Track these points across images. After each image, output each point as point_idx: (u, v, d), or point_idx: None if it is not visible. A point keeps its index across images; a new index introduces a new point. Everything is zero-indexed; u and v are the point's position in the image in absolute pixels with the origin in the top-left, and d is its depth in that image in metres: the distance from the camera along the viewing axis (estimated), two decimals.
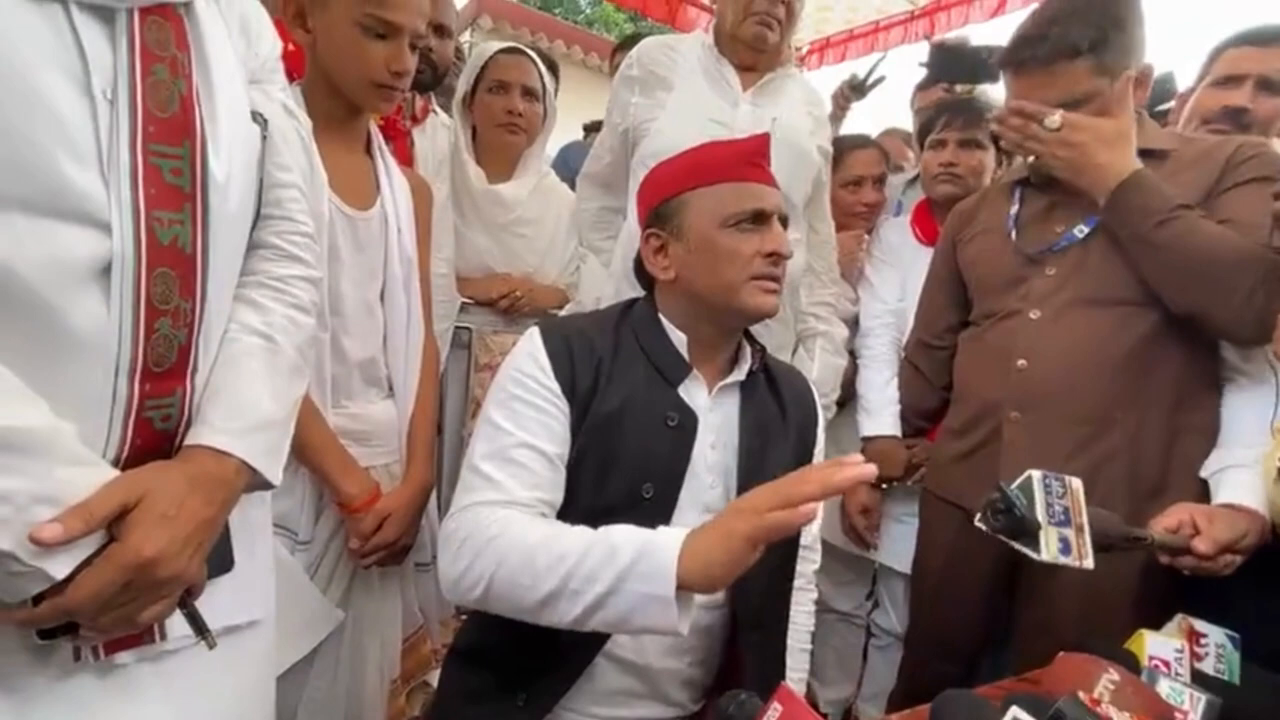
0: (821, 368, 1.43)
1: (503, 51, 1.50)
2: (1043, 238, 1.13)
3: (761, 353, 0.93)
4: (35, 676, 0.55)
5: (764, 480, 0.85)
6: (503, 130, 1.48)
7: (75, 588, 0.51)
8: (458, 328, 1.48)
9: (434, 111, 1.60)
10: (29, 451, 0.49)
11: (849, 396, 1.58)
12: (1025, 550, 0.74)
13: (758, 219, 0.85)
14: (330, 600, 0.99)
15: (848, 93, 2.07)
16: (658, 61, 1.37)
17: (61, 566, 0.51)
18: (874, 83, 2.04)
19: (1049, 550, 0.73)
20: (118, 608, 0.54)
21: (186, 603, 0.61)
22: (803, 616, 0.98)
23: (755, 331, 0.95)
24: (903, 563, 1.44)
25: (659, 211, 0.89)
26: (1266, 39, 1.30)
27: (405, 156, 1.42)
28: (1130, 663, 0.73)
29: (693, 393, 0.86)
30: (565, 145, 2.23)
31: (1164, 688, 0.69)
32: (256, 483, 0.65)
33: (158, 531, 0.54)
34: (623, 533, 0.68)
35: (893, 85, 2.10)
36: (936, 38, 2.06)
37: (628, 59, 1.42)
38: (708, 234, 0.84)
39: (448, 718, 0.87)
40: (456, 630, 1.15)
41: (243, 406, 0.63)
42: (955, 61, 1.90)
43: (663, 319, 0.89)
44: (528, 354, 0.84)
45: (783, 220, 0.88)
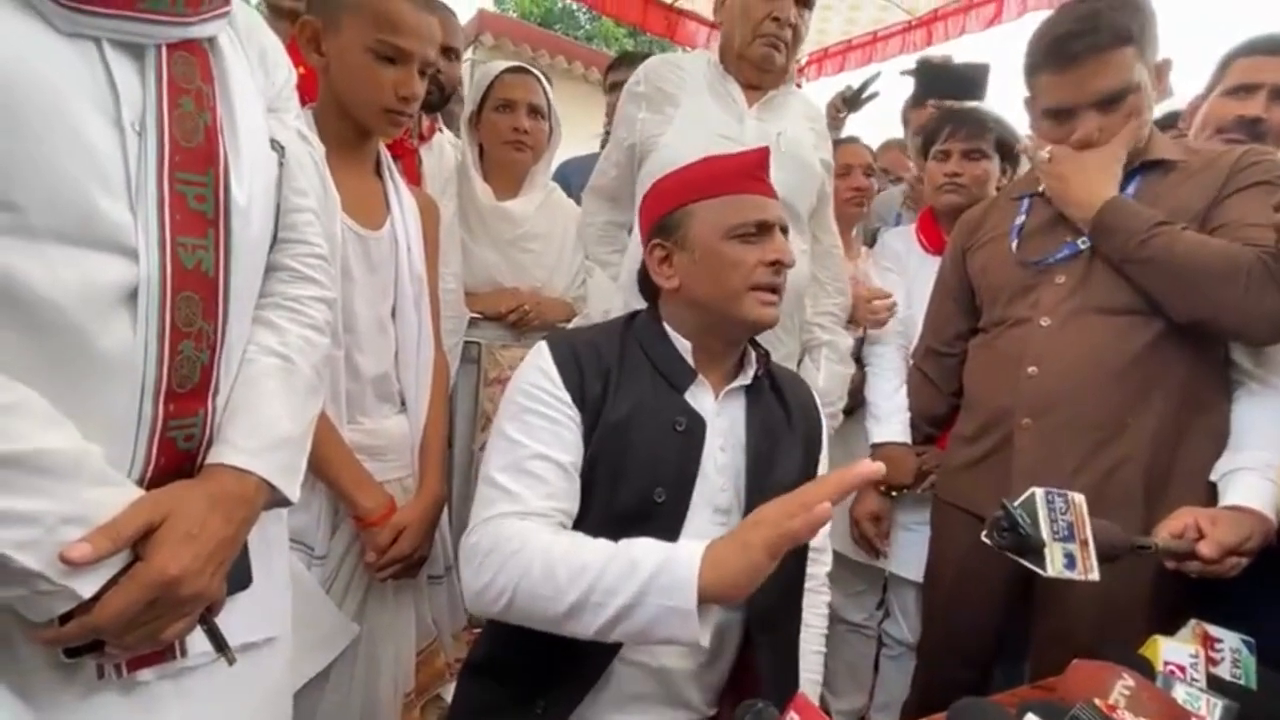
0: (828, 377, 1.44)
1: (508, 71, 1.52)
2: (1045, 247, 1.14)
3: (765, 358, 0.95)
4: (61, 694, 0.56)
5: (773, 481, 0.86)
6: (510, 148, 1.51)
7: (102, 606, 0.52)
8: (467, 342, 1.49)
9: (440, 130, 1.63)
10: (58, 474, 0.51)
11: (857, 404, 1.59)
12: (1031, 566, 0.75)
13: (760, 229, 0.87)
14: (345, 614, 1.00)
15: (840, 105, 2.10)
16: (664, 78, 1.40)
17: (89, 585, 0.52)
18: (867, 97, 2.07)
19: (1054, 566, 0.74)
20: (142, 625, 0.55)
21: (207, 619, 0.62)
22: (816, 618, 0.99)
23: (762, 341, 0.96)
24: (913, 571, 1.43)
25: (663, 223, 0.91)
26: (1278, 48, 1.27)
27: (413, 175, 1.45)
28: (1145, 669, 0.73)
29: (699, 398, 0.88)
30: (564, 161, 2.25)
31: (1180, 693, 0.69)
32: (275, 500, 0.66)
33: (182, 550, 0.55)
34: (643, 546, 0.70)
35: (891, 97, 2.13)
36: (922, 56, 2.10)
37: (634, 76, 1.44)
38: (712, 244, 0.86)
39: None
40: (470, 643, 1.16)
41: (261, 425, 0.64)
42: (941, 79, 1.93)
43: (667, 327, 0.90)
44: (536, 366, 0.85)
45: (784, 230, 0.90)
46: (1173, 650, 0.77)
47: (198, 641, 0.63)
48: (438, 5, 1.33)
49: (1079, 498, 0.79)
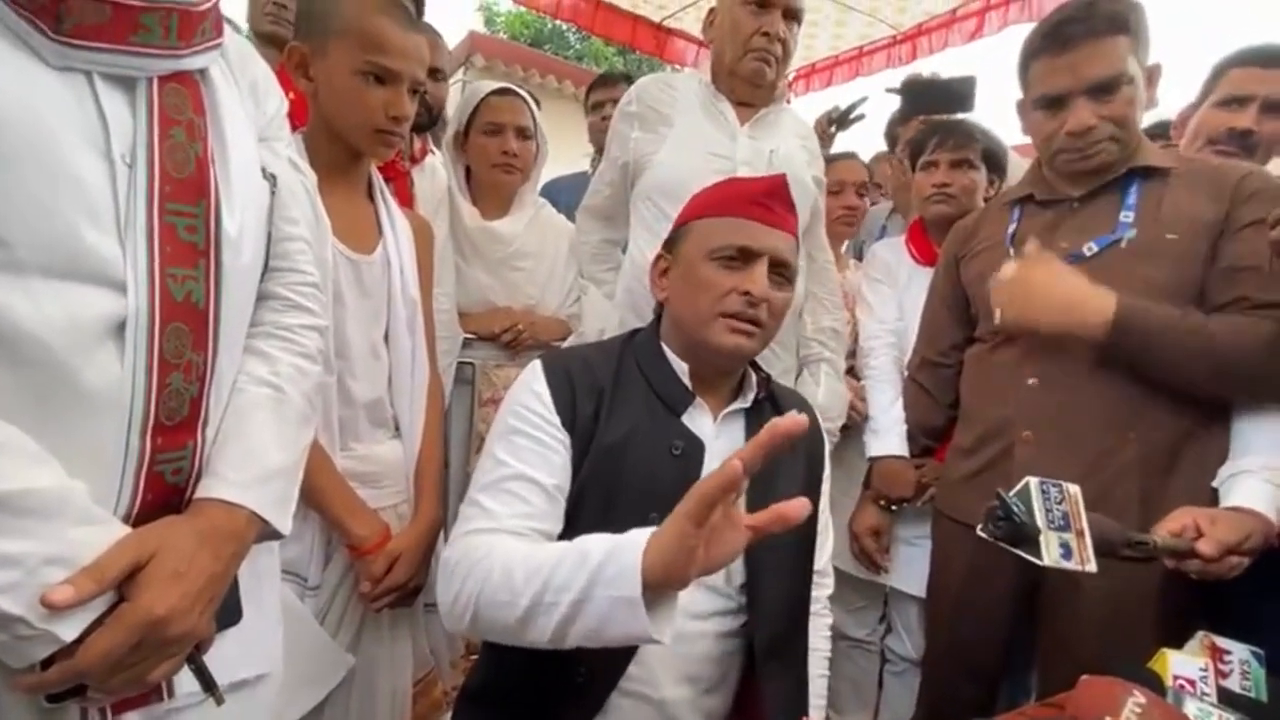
0: (827, 393, 1.43)
1: (494, 94, 1.53)
2: None
3: (766, 380, 0.93)
4: None
5: (774, 505, 0.85)
6: (499, 170, 1.51)
7: (85, 650, 0.51)
8: (460, 363, 1.48)
9: (432, 152, 1.63)
10: (41, 513, 0.49)
11: (851, 418, 1.58)
12: (1027, 556, 0.74)
13: (744, 256, 0.83)
14: (340, 646, 0.98)
15: (826, 125, 2.12)
16: (657, 98, 1.41)
17: (71, 629, 0.50)
18: (855, 117, 2.11)
19: (1050, 555, 0.73)
20: (128, 668, 0.53)
21: (195, 658, 0.61)
22: (821, 641, 0.97)
23: (759, 357, 0.95)
24: (915, 586, 1.42)
25: (672, 235, 0.91)
26: (1271, 60, 1.27)
27: (405, 197, 1.44)
28: (1154, 683, 0.72)
29: (697, 420, 0.86)
30: (552, 180, 2.25)
31: (1191, 709, 0.68)
32: (266, 533, 0.65)
33: (169, 589, 0.54)
34: (595, 539, 0.66)
35: (879, 112, 2.16)
36: (909, 76, 2.14)
37: (627, 96, 1.46)
38: (694, 262, 0.86)
39: None
40: (467, 671, 1.13)
41: (251, 457, 0.63)
42: (929, 94, 1.96)
43: (665, 348, 0.89)
44: (529, 387, 0.84)
45: (781, 264, 0.85)
46: (1182, 663, 0.76)
47: (185, 682, 0.61)
48: (424, 26, 1.34)
49: (1074, 488, 0.78)
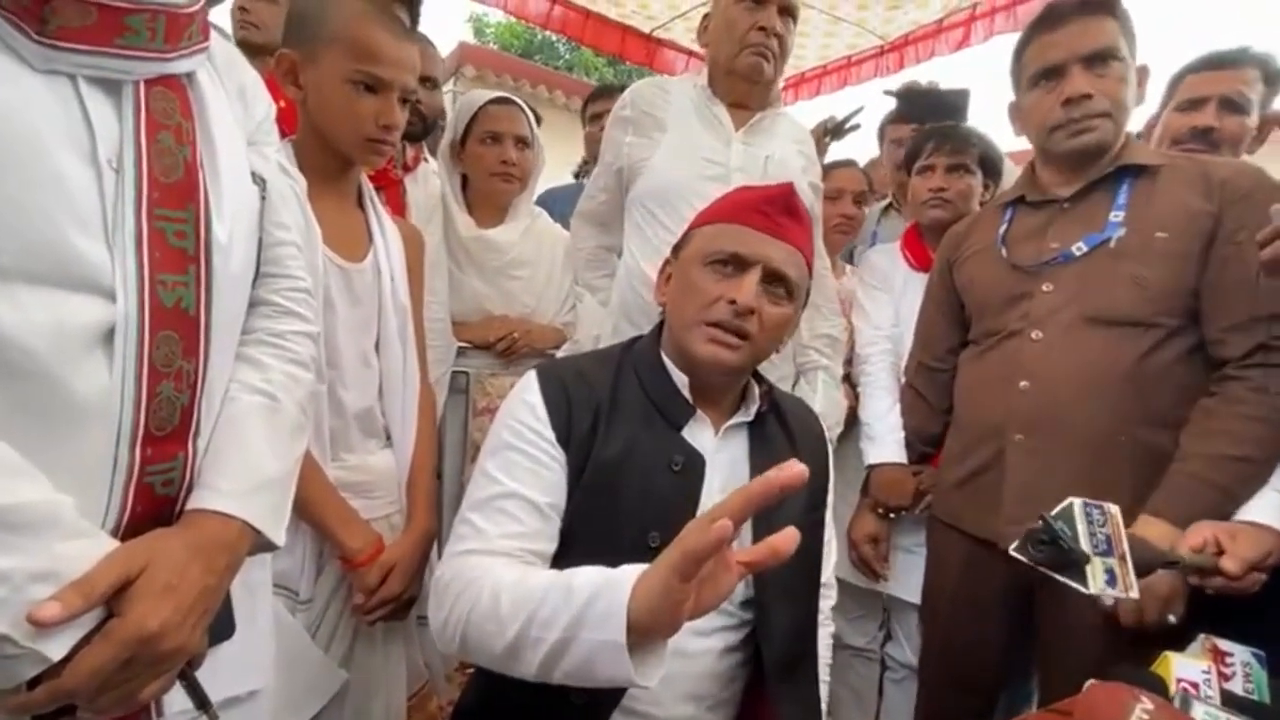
0: (825, 401, 1.43)
1: (493, 102, 1.53)
2: (1037, 253, 1.15)
3: (769, 392, 0.91)
4: None
5: (779, 522, 0.82)
6: (498, 179, 1.51)
7: (74, 668, 0.49)
8: (455, 372, 1.47)
9: (425, 159, 1.62)
10: (27, 529, 0.48)
11: (848, 426, 1.58)
12: (1071, 583, 0.71)
13: (737, 263, 0.81)
14: (332, 660, 0.96)
15: (821, 136, 2.14)
16: (651, 102, 1.41)
17: (58, 647, 0.49)
18: (850, 128, 2.13)
19: (1096, 583, 0.70)
20: (118, 686, 0.51)
21: (187, 675, 0.59)
22: (822, 651, 0.95)
23: (759, 367, 0.94)
24: (914, 594, 1.41)
25: (679, 242, 0.90)
26: (1222, 63, 1.42)
27: (398, 205, 1.44)
28: (1158, 686, 0.71)
29: (698, 434, 0.84)
30: (547, 190, 2.26)
31: (1199, 713, 0.67)
32: (260, 544, 0.63)
33: (160, 604, 0.52)
34: (585, 574, 0.63)
35: (873, 119, 2.18)
36: (905, 83, 2.16)
37: (621, 100, 1.45)
38: (689, 267, 0.85)
39: None
40: (463, 685, 1.11)
41: (244, 468, 0.62)
42: (924, 103, 1.99)
43: (665, 359, 0.87)
44: (524, 400, 0.82)
45: (778, 276, 0.82)
46: (1184, 666, 0.75)
47: (177, 699, 0.59)
48: (417, 35, 1.34)
49: (1115, 509, 0.74)
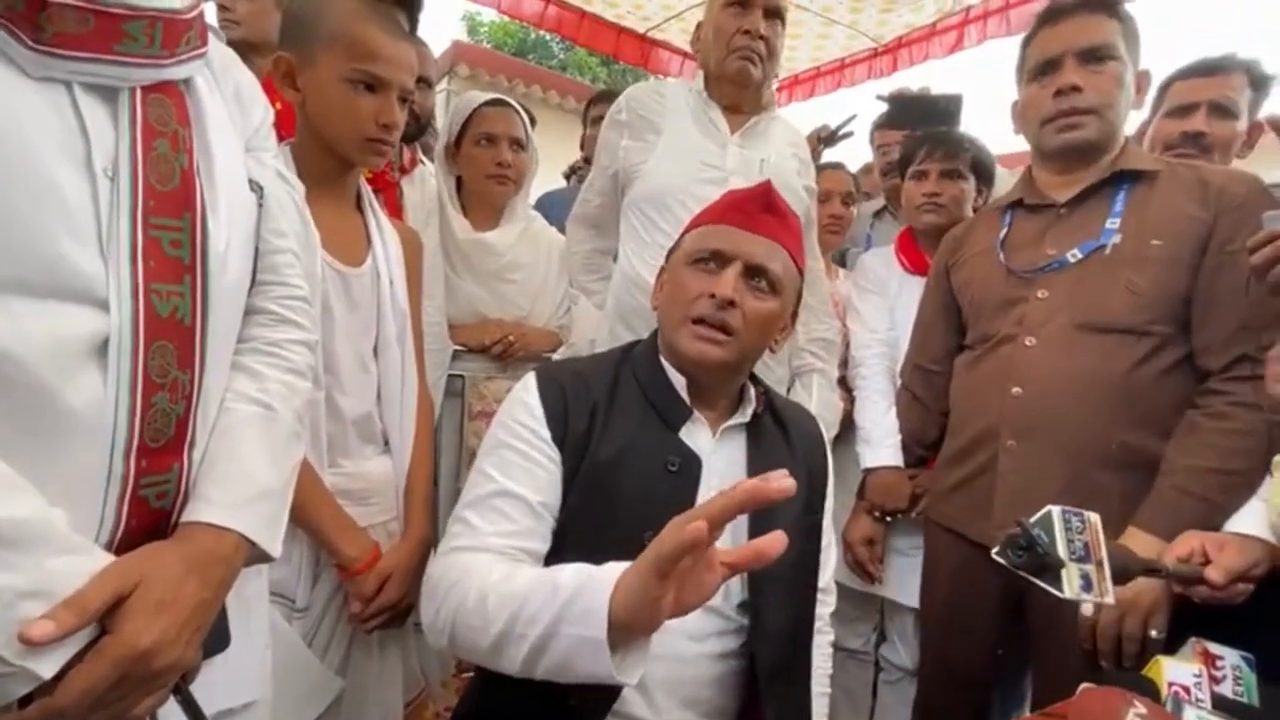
0: (820, 403, 1.43)
1: (488, 104, 1.52)
2: (1034, 258, 1.16)
3: (766, 394, 0.92)
4: None
5: (775, 525, 0.82)
6: (493, 182, 1.50)
7: (66, 687, 0.48)
8: (451, 376, 1.46)
9: (421, 162, 1.62)
10: (18, 544, 0.47)
11: (843, 429, 1.58)
12: (1047, 587, 0.73)
13: (718, 259, 0.83)
14: (329, 668, 0.95)
15: (815, 143, 2.15)
16: (646, 106, 1.41)
17: (49, 665, 0.48)
18: (843, 135, 2.14)
19: (1071, 588, 0.72)
20: (111, 704, 0.51)
21: (182, 689, 0.58)
22: (821, 659, 0.96)
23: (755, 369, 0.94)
24: (910, 597, 1.43)
25: (672, 247, 0.92)
26: (1210, 70, 1.44)
27: (395, 208, 1.43)
28: (1150, 690, 0.72)
29: (695, 436, 0.84)
30: (546, 193, 2.26)
31: (1190, 716, 0.68)
32: (256, 556, 0.63)
33: (154, 620, 0.51)
34: (569, 571, 0.63)
35: (863, 121, 2.19)
36: (896, 89, 2.18)
37: (616, 104, 1.45)
38: (676, 268, 0.87)
39: None
40: (460, 690, 1.10)
41: (240, 479, 0.61)
42: (915, 109, 2.00)
43: (663, 361, 0.88)
44: (521, 402, 0.83)
45: (758, 271, 0.83)
46: (1176, 670, 0.76)
47: (171, 713, 0.58)
48: (412, 35, 1.33)
49: (1094, 517, 0.76)
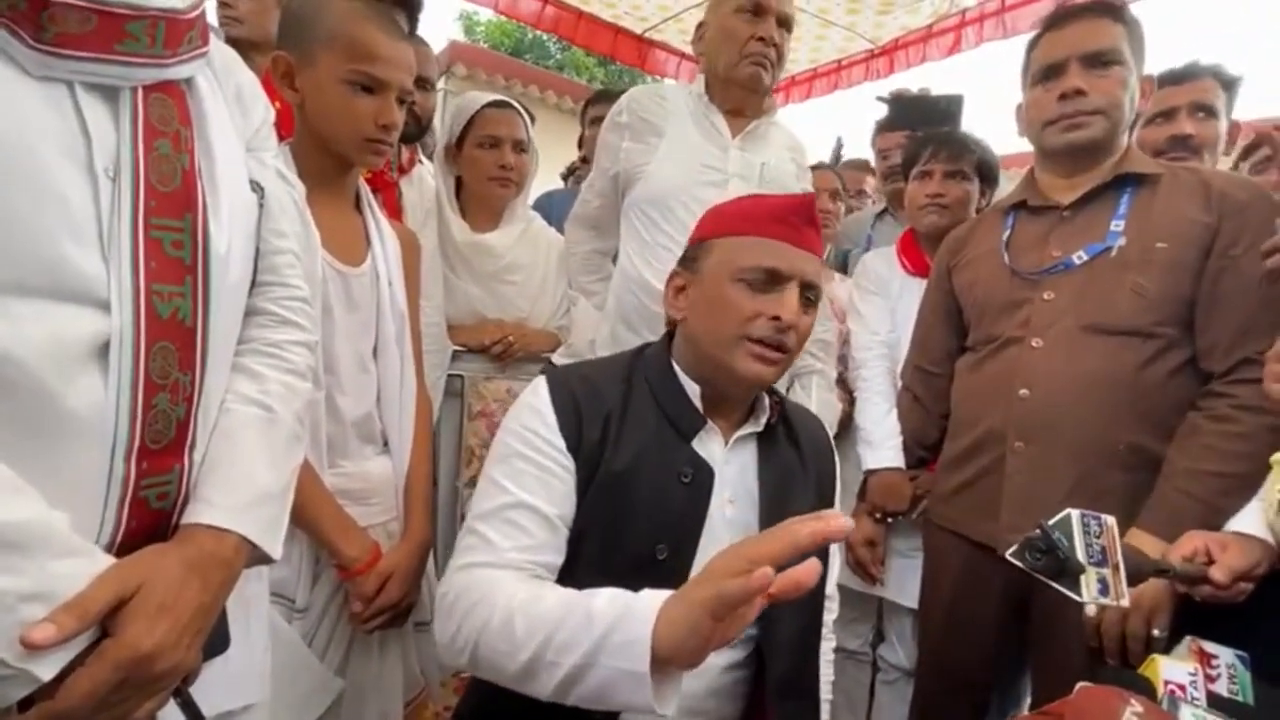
0: (820, 405, 1.43)
1: (490, 106, 1.52)
2: (1039, 260, 1.15)
3: (780, 404, 0.90)
4: None
5: None
6: (495, 184, 1.50)
7: (67, 690, 0.48)
8: (450, 376, 1.46)
9: (420, 162, 1.61)
10: (19, 547, 0.47)
11: (842, 429, 1.59)
12: (1065, 591, 0.73)
13: (771, 278, 0.80)
14: (328, 669, 0.95)
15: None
16: (648, 109, 1.41)
17: (49, 667, 0.48)
18: (840, 157, 2.15)
19: (1089, 592, 0.72)
20: (112, 707, 0.51)
21: (181, 691, 0.58)
22: (824, 667, 0.95)
23: None
24: (909, 598, 1.43)
25: (689, 252, 0.88)
26: (1180, 77, 1.48)
27: (393, 208, 1.43)
28: (1146, 689, 0.73)
29: (708, 445, 0.83)
30: (547, 193, 2.26)
31: (1186, 714, 0.68)
32: (256, 558, 0.63)
33: (155, 624, 0.51)
34: (604, 598, 0.62)
35: (862, 122, 2.20)
36: (896, 89, 2.18)
37: (617, 106, 1.45)
38: (719, 282, 0.82)
39: None
40: (459, 690, 1.10)
41: (240, 481, 0.61)
42: (916, 110, 2.00)
43: (676, 368, 0.86)
44: (532, 408, 0.80)
45: (809, 287, 0.83)
46: (1172, 669, 0.76)
47: (171, 716, 0.58)
48: (412, 35, 1.33)
49: (1111, 520, 0.76)
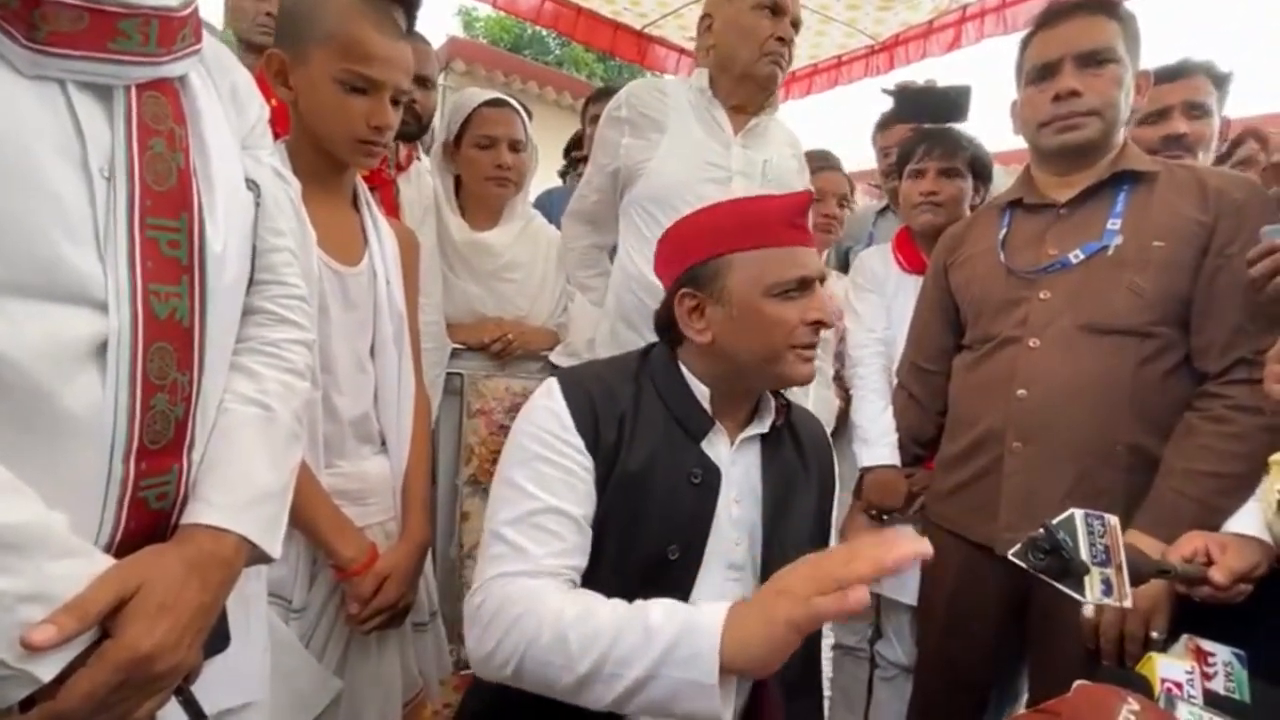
0: (816, 402, 1.44)
1: (487, 104, 1.51)
2: (1035, 259, 1.15)
3: (786, 407, 0.91)
4: None
5: (788, 533, 0.82)
6: (492, 184, 1.50)
7: (68, 691, 0.48)
8: (449, 374, 1.46)
9: (418, 158, 1.61)
10: (18, 548, 0.47)
11: (838, 426, 1.59)
12: (1068, 591, 0.73)
13: (802, 286, 0.83)
14: (326, 669, 0.95)
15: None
16: (648, 104, 1.39)
17: (49, 668, 0.48)
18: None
19: (1093, 592, 0.72)
20: (112, 707, 0.51)
21: (182, 689, 0.58)
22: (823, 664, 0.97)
23: None
24: (906, 595, 1.43)
25: (694, 273, 0.85)
26: (1173, 75, 1.47)
27: (391, 205, 1.42)
28: (1143, 687, 0.73)
29: (715, 446, 0.84)
30: (547, 190, 2.25)
31: (1183, 712, 0.69)
32: (256, 557, 0.63)
33: (155, 624, 0.51)
34: (661, 611, 0.65)
35: (863, 121, 2.19)
36: (900, 82, 2.15)
37: (615, 100, 1.43)
38: (752, 301, 0.81)
39: None
40: (458, 688, 1.10)
41: (239, 480, 0.61)
42: (921, 102, 1.97)
43: (684, 370, 0.86)
44: (548, 409, 0.80)
45: (821, 281, 0.86)
46: (1169, 667, 0.77)
47: (171, 714, 0.58)
48: (413, 34, 1.32)
49: (1114, 520, 0.76)
